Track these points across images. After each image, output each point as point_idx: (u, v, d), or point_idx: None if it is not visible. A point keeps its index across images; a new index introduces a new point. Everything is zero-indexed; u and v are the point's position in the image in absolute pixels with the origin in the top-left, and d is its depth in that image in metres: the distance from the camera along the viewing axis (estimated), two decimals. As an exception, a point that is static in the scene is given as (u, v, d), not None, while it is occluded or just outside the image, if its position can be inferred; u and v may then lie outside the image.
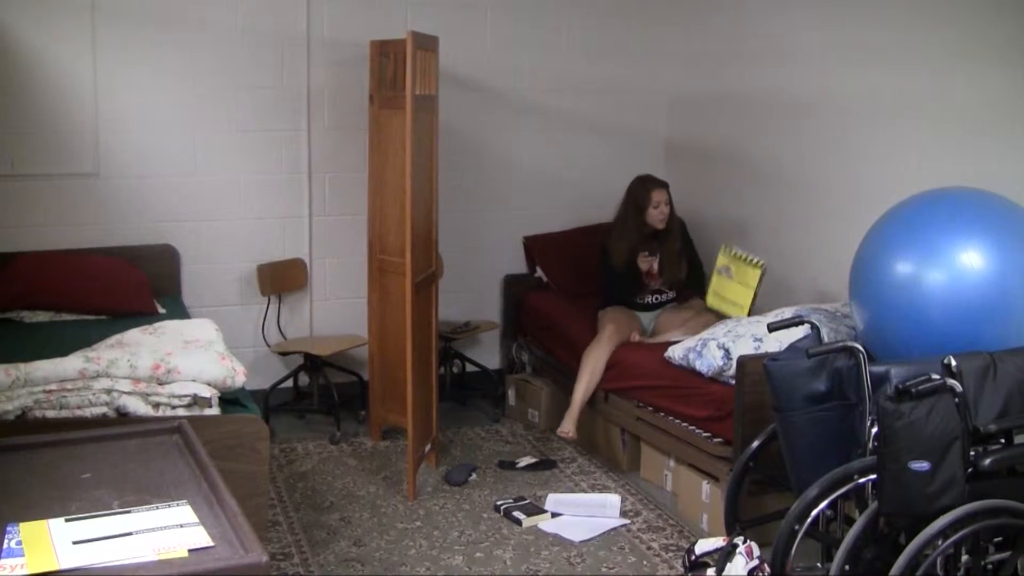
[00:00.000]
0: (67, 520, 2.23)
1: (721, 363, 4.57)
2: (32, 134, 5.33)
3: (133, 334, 4.07)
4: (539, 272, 6.24)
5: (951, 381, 3.22)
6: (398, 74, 5.07)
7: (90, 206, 5.49)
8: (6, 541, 2.13)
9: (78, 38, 5.34)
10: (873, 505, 3.28)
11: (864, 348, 3.55)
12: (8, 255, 5.19)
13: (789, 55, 5.41)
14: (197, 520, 2.23)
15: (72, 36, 5.33)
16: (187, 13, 5.50)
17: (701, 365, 4.66)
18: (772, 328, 4.13)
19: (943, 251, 3.68)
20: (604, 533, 4.49)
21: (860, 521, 3.28)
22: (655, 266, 5.46)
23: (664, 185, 5.49)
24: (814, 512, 3.38)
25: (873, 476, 3.33)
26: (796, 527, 3.38)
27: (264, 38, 5.67)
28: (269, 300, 5.81)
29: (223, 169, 5.70)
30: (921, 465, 3.11)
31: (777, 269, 5.53)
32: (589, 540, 4.42)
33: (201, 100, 5.61)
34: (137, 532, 2.17)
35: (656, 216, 5.45)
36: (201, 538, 2.14)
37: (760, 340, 4.50)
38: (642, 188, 5.48)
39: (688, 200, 6.07)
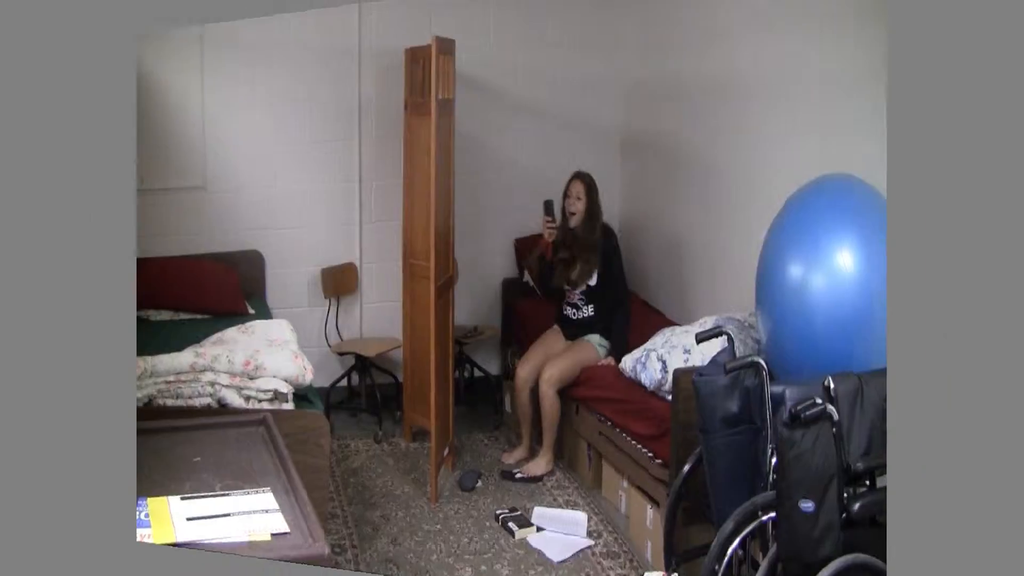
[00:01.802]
0: (182, 499, 2.28)
1: (659, 376, 3.81)
2: (152, 153, 5.12)
3: (231, 332, 4.09)
4: (526, 276, 5.44)
5: (830, 407, 2.57)
6: (425, 80, 4.59)
7: (199, 216, 5.45)
8: (139, 513, 2.21)
9: (189, 68, 5.23)
10: (774, 548, 2.64)
11: (767, 364, 2.83)
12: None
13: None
14: (277, 507, 2.22)
15: (184, 67, 5.22)
16: (270, 38, 5.29)
17: (645, 378, 3.91)
18: (699, 339, 3.32)
19: (824, 251, 2.91)
20: (576, 554, 4.05)
21: (762, 568, 2.63)
22: (549, 234, 4.71)
23: (581, 177, 4.67)
24: (729, 551, 2.71)
25: (774, 513, 2.67)
26: (716, 567, 2.70)
27: (323, 53, 5.42)
28: (330, 302, 5.62)
29: (295, 180, 5.55)
30: (807, 505, 2.52)
31: (714, 273, 4.68)
32: (565, 560, 4.00)
33: (280, 116, 5.46)
34: (233, 514, 2.19)
35: (567, 206, 4.71)
36: (280, 524, 2.13)
37: (688, 352, 3.73)
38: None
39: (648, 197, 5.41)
